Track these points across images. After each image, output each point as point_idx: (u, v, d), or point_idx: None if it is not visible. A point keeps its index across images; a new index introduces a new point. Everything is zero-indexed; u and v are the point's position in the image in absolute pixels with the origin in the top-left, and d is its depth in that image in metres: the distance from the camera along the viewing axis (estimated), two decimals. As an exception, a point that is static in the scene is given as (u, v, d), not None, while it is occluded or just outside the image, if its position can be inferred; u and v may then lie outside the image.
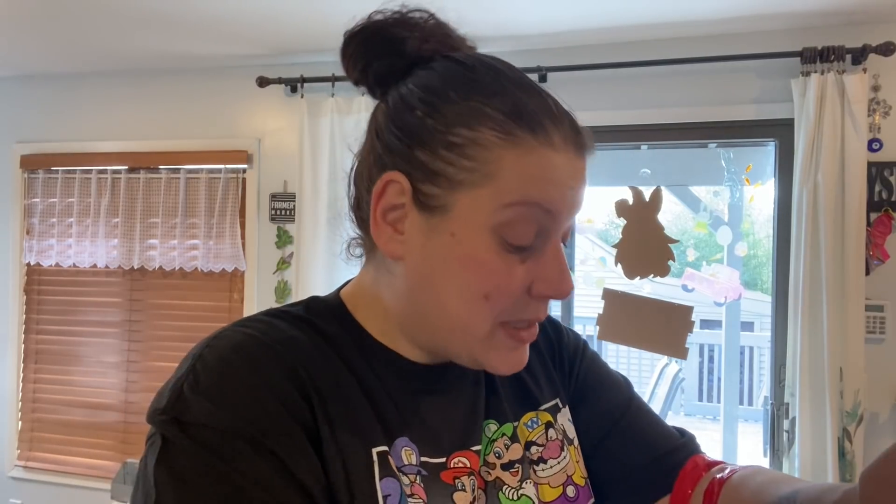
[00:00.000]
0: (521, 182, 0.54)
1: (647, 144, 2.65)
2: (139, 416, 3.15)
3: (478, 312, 0.57)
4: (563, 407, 0.72)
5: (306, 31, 2.58)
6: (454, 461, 0.61)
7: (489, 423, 0.66)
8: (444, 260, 0.57)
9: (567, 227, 0.59)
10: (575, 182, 0.57)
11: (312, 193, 2.75)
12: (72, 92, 3.25)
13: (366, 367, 0.60)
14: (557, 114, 0.57)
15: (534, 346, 0.73)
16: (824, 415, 2.20)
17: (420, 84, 0.58)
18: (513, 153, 0.54)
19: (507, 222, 0.55)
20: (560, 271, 0.57)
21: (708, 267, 2.77)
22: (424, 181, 0.56)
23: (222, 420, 0.50)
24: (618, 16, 2.36)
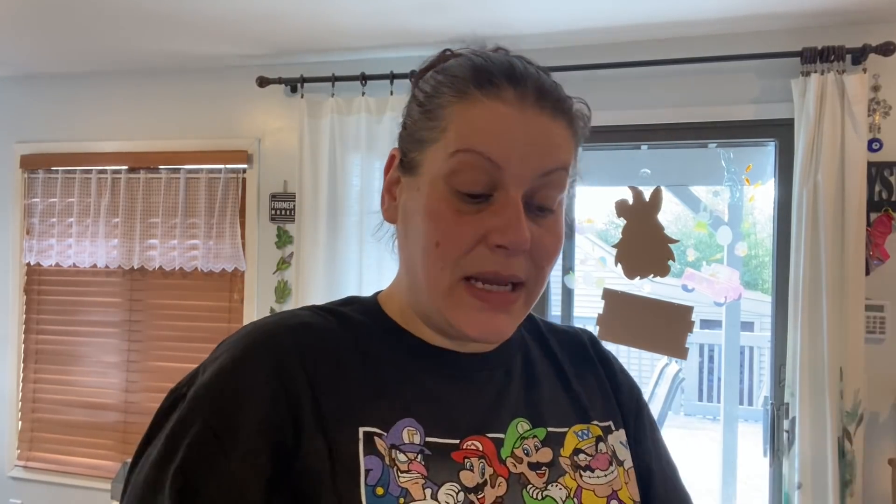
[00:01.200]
0: (465, 131, 0.59)
1: (647, 144, 2.65)
2: (139, 416, 3.15)
3: (433, 262, 0.60)
4: (617, 430, 0.72)
5: (306, 31, 2.58)
6: (468, 444, 0.62)
7: (520, 421, 0.66)
8: (413, 214, 0.62)
9: (532, 184, 0.59)
10: (526, 136, 0.58)
11: (312, 193, 2.75)
12: (72, 92, 3.25)
13: (384, 352, 0.65)
14: (520, 74, 0.60)
15: (590, 364, 0.76)
16: (824, 415, 2.20)
17: (427, 75, 0.66)
18: (461, 107, 0.60)
19: (453, 170, 0.59)
20: (510, 220, 0.58)
21: (708, 267, 2.77)
22: (408, 148, 0.64)
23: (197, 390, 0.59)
24: (618, 16, 2.36)
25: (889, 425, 2.32)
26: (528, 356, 0.73)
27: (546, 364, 0.74)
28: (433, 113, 0.61)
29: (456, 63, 0.63)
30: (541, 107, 0.59)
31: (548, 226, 0.62)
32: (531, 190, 0.60)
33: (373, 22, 2.46)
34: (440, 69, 0.65)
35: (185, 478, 0.55)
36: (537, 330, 0.77)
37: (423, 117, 0.62)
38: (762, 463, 2.60)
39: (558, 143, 0.60)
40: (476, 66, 0.61)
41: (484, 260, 0.59)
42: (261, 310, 2.98)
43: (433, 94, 0.62)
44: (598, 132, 2.87)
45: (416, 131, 0.63)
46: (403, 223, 0.65)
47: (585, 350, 0.78)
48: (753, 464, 4.87)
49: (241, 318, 3.00)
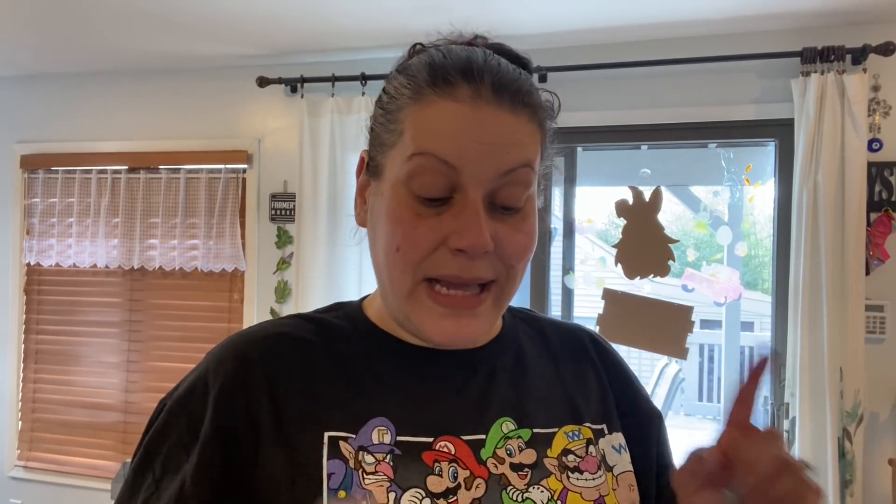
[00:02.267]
0: (418, 134, 0.58)
1: (647, 144, 2.65)
2: (139, 416, 3.15)
3: (394, 266, 0.60)
4: (610, 434, 0.70)
5: (306, 31, 2.58)
6: (440, 444, 0.61)
7: (505, 421, 0.64)
8: (378, 218, 0.62)
9: (493, 184, 0.57)
10: (482, 134, 0.56)
11: (312, 193, 2.75)
12: (72, 92, 3.24)
13: (359, 354, 0.65)
14: (477, 69, 0.57)
15: (589, 363, 0.74)
16: (824, 415, 2.20)
17: (390, 75, 0.65)
18: (416, 108, 0.59)
19: (410, 174, 0.58)
20: (468, 223, 0.56)
21: (708, 267, 2.77)
22: (373, 152, 0.64)
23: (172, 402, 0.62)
24: (618, 16, 2.36)
25: (889, 425, 2.32)
26: (521, 353, 0.71)
27: (542, 362, 0.72)
28: (392, 115, 0.61)
29: (416, 62, 0.62)
30: (497, 102, 0.57)
31: (515, 224, 0.60)
32: (493, 190, 0.58)
33: (373, 22, 2.46)
34: (402, 68, 0.63)
35: (157, 489, 0.59)
36: (537, 326, 0.76)
37: (385, 120, 0.62)
38: (762, 463, 2.59)
39: (518, 138, 0.58)
40: (432, 65, 0.59)
41: (444, 263, 0.58)
42: (261, 310, 2.98)
43: (394, 96, 0.61)
44: (599, 132, 2.88)
45: (379, 134, 0.63)
46: (371, 227, 0.64)
47: (585, 349, 0.76)
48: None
49: (241, 318, 3.00)
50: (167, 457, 0.59)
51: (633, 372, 0.78)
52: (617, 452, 0.69)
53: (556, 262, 2.73)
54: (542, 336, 0.75)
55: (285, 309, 2.93)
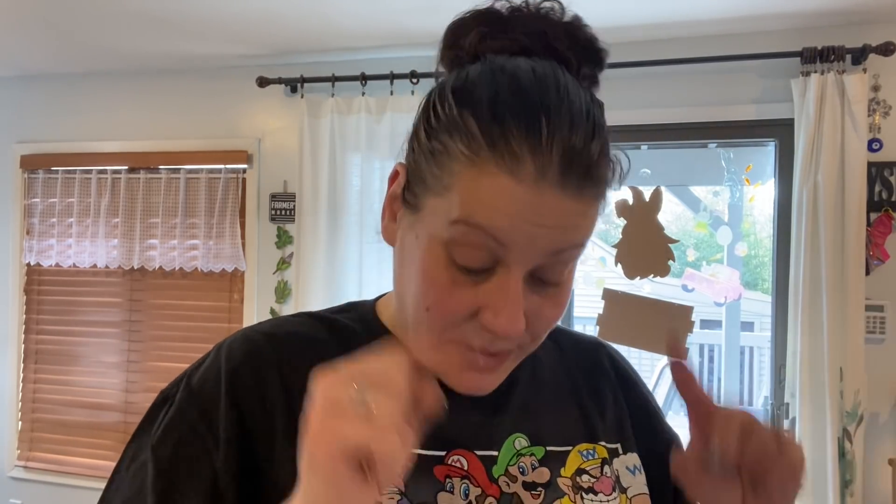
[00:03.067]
0: (470, 202, 0.52)
1: (647, 144, 2.65)
2: (139, 416, 3.09)
3: (422, 322, 0.56)
4: (625, 454, 0.67)
5: (306, 31, 2.58)
6: (452, 458, 0.59)
7: (518, 437, 0.62)
8: (410, 260, 0.58)
9: (540, 262, 0.54)
10: (541, 219, 0.51)
11: (312, 193, 2.75)
12: (72, 92, 3.24)
13: None
14: (546, 137, 0.50)
15: (606, 379, 0.72)
16: (824, 415, 2.20)
17: (446, 83, 0.57)
18: (470, 172, 0.52)
19: (453, 240, 0.53)
20: (505, 305, 0.53)
21: (708, 267, 2.77)
22: (413, 178, 0.57)
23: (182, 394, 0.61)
24: (618, 16, 2.36)
25: (889, 425, 2.32)
26: (537, 366, 0.69)
27: (557, 375, 0.70)
28: (439, 161, 0.53)
29: (477, 91, 0.53)
30: (563, 185, 0.50)
31: (551, 296, 0.56)
32: (537, 267, 0.54)
33: (373, 22, 2.46)
34: (460, 93, 0.54)
35: (169, 480, 0.56)
36: (554, 338, 0.72)
37: (430, 156, 0.55)
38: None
39: (576, 223, 0.53)
40: (495, 125, 0.51)
41: (473, 334, 0.55)
42: (261, 310, 2.98)
43: (443, 135, 0.53)
44: (598, 132, 2.87)
45: (421, 165, 0.56)
46: (399, 257, 0.60)
47: (602, 364, 0.73)
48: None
49: (241, 318, 3.00)
50: (180, 453, 0.57)
51: (650, 391, 0.76)
52: (631, 473, 0.67)
53: None
54: (558, 349, 0.72)
55: (285, 309, 2.93)
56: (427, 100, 0.58)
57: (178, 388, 0.62)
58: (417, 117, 0.58)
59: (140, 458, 0.58)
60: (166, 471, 0.56)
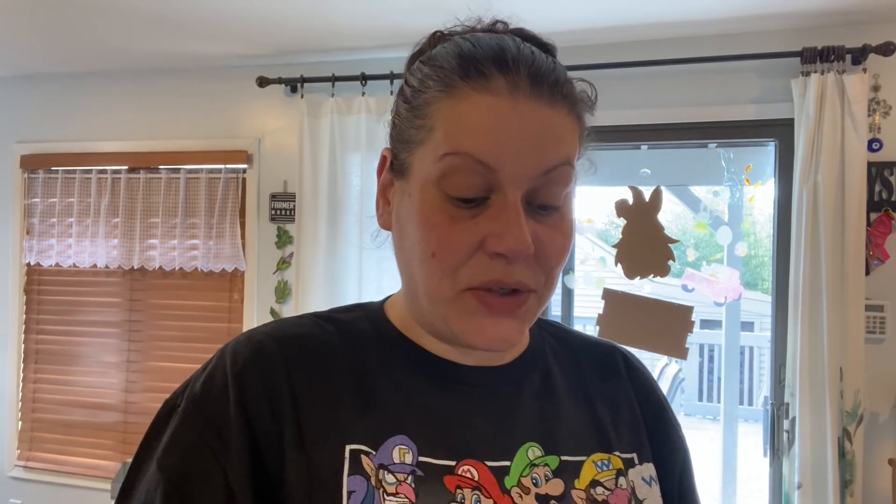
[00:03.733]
0: (452, 131, 0.53)
1: (647, 144, 2.65)
2: (139, 416, 3.15)
3: (432, 272, 0.55)
4: (641, 464, 0.65)
5: (306, 31, 2.58)
6: (462, 468, 0.57)
7: (531, 446, 0.60)
8: (407, 221, 0.58)
9: (532, 183, 0.54)
10: (521, 131, 0.52)
11: (312, 193, 2.75)
12: (72, 92, 3.25)
13: (380, 363, 0.61)
14: (511, 59, 0.53)
15: (621, 386, 0.69)
16: (824, 415, 2.20)
17: (413, 66, 0.61)
18: (447, 103, 0.54)
19: (443, 174, 0.54)
20: (508, 225, 0.52)
21: (708, 267, 2.77)
22: (398, 148, 0.59)
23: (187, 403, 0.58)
24: (618, 16, 2.36)
25: (889, 425, 2.32)
26: (549, 371, 0.67)
27: (569, 381, 0.67)
28: (420, 110, 0.56)
29: (442, 51, 0.57)
30: (537, 95, 0.53)
31: (553, 224, 0.56)
32: (532, 189, 0.54)
33: (373, 22, 2.46)
34: (426, 58, 0.59)
35: (180, 495, 0.54)
36: (567, 342, 0.71)
37: (410, 115, 0.57)
38: (762, 463, 2.60)
39: (558, 134, 0.54)
40: (462, 54, 0.55)
41: (483, 268, 0.54)
42: (261, 310, 2.98)
43: (419, 89, 0.57)
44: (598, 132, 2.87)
45: (405, 130, 0.58)
46: (398, 230, 0.60)
47: (617, 370, 0.71)
48: (753, 464, 4.87)
49: (241, 318, 3.00)
50: (189, 465, 0.55)
51: (665, 398, 0.73)
52: (647, 485, 0.65)
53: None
54: (571, 353, 0.70)
55: (285, 309, 2.93)
56: (399, 88, 0.62)
57: (182, 397, 0.60)
58: (394, 103, 0.62)
59: (147, 475, 0.56)
60: (177, 485, 0.54)
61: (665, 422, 0.71)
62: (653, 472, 0.66)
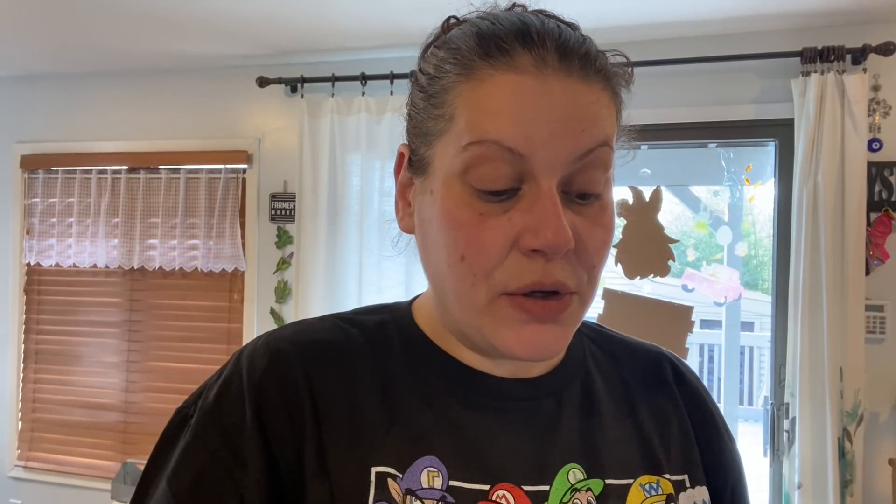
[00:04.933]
0: (475, 118, 0.48)
1: (647, 144, 2.65)
2: (139, 416, 3.15)
3: (462, 277, 0.50)
4: (693, 487, 0.58)
5: (306, 31, 2.58)
6: (497, 493, 0.51)
7: (573, 468, 0.54)
8: (430, 222, 0.52)
9: (568, 169, 0.48)
10: (552, 111, 0.47)
11: (312, 193, 2.75)
12: (72, 92, 3.24)
13: (409, 373, 0.56)
14: (536, 33, 0.48)
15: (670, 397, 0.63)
16: (824, 415, 2.20)
17: (427, 53, 0.56)
18: (467, 87, 0.48)
19: (468, 166, 0.48)
20: (545, 218, 0.47)
21: (708, 267, 2.77)
22: (416, 144, 0.54)
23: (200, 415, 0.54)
24: (618, 16, 2.36)
25: (889, 425, 2.32)
26: (590, 382, 0.60)
27: (613, 393, 0.61)
28: (437, 98, 0.51)
29: (458, 32, 0.52)
30: (567, 70, 0.47)
31: (594, 215, 0.50)
32: (568, 175, 0.48)
33: (373, 22, 2.46)
34: (441, 42, 0.53)
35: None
36: (609, 348, 0.65)
37: (427, 105, 0.52)
38: (762, 463, 2.60)
39: (594, 112, 0.48)
40: (481, 33, 0.49)
41: (520, 270, 0.48)
42: (261, 310, 2.97)
43: (435, 75, 0.51)
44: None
45: (422, 122, 0.53)
46: (422, 232, 0.54)
47: (664, 379, 0.64)
48: (753, 464, 4.87)
49: (241, 319, 3.00)
50: (201, 486, 0.51)
51: (717, 409, 0.66)
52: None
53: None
54: (614, 361, 0.64)
55: (285, 309, 2.93)
56: (413, 78, 0.56)
57: (195, 407, 0.55)
58: (409, 94, 0.56)
59: (157, 495, 0.53)
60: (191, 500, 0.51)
61: (717, 438, 0.64)
62: (706, 496, 0.59)
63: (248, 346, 0.57)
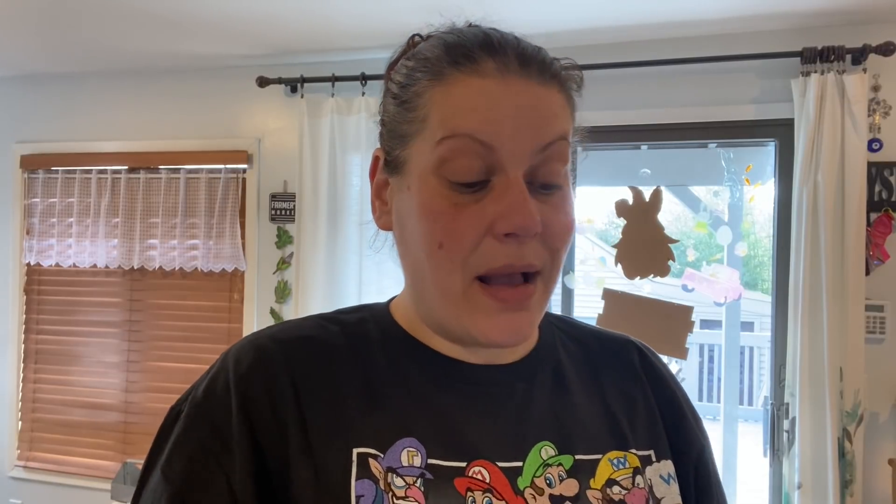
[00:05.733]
0: (447, 115, 0.54)
1: (647, 144, 2.65)
2: (139, 416, 3.15)
3: (440, 266, 0.55)
4: (658, 461, 0.63)
5: (306, 31, 2.58)
6: (473, 470, 0.56)
7: (544, 446, 0.59)
8: (408, 216, 0.57)
9: (532, 160, 0.54)
10: (516, 109, 0.53)
11: (312, 193, 2.75)
12: (72, 92, 3.24)
13: (388, 364, 0.60)
14: (497, 43, 0.55)
15: (636, 380, 0.68)
16: (824, 415, 2.20)
17: (396, 66, 0.62)
18: (439, 90, 0.55)
19: (442, 160, 0.54)
20: (514, 203, 0.52)
21: (708, 267, 2.77)
22: (390, 146, 0.59)
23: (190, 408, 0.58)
24: (618, 16, 2.36)
25: (889, 425, 2.32)
26: (561, 368, 0.65)
27: (582, 377, 0.66)
28: (410, 103, 0.56)
29: (427, 45, 0.59)
30: (526, 74, 0.54)
31: (556, 203, 0.56)
32: (532, 167, 0.54)
33: (373, 22, 2.46)
34: (410, 55, 0.59)
35: (182, 497, 0.54)
36: (578, 336, 0.70)
37: (401, 109, 0.57)
38: (762, 463, 2.60)
39: (553, 110, 0.55)
40: (448, 44, 0.56)
41: (494, 253, 0.53)
42: (261, 310, 2.98)
43: (407, 83, 0.57)
44: (599, 132, 2.87)
45: (396, 126, 0.58)
46: (399, 228, 0.59)
47: (631, 363, 0.69)
48: (753, 464, 4.87)
49: (241, 318, 3.00)
50: (192, 471, 0.55)
51: (683, 390, 0.71)
52: (665, 483, 0.63)
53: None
54: (583, 348, 0.69)
55: (285, 309, 2.93)
56: (385, 89, 0.62)
57: (186, 403, 0.59)
58: (380, 104, 0.62)
59: (152, 484, 0.56)
60: (180, 492, 0.54)
61: (680, 416, 0.68)
62: (671, 469, 0.64)
63: (235, 345, 0.61)
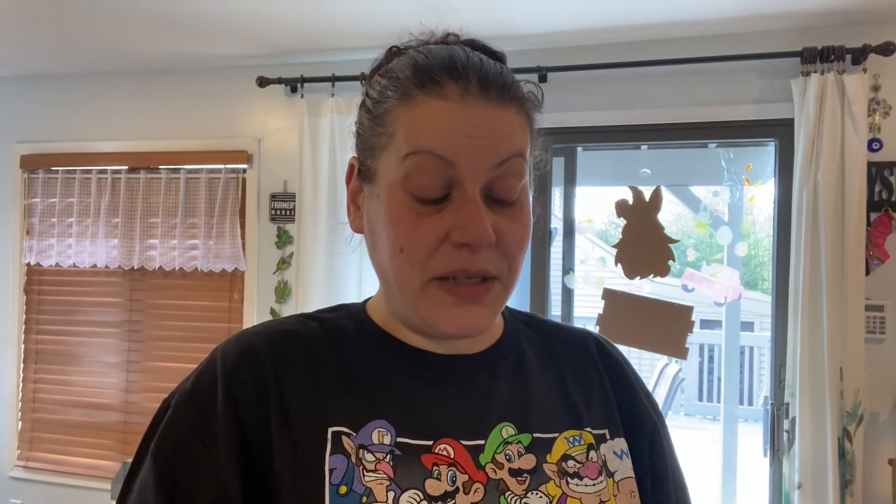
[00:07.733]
0: (412, 133, 0.59)
1: (647, 144, 2.65)
2: (139, 416, 3.15)
3: (400, 266, 0.60)
4: (612, 439, 0.69)
5: (306, 31, 2.58)
6: (439, 447, 0.61)
7: (505, 426, 0.64)
8: (376, 222, 0.63)
9: (488, 176, 0.58)
10: (474, 129, 0.58)
11: (312, 193, 2.75)
12: (72, 92, 3.25)
13: (362, 355, 0.66)
14: (461, 67, 0.59)
15: (592, 367, 0.73)
16: (824, 415, 2.20)
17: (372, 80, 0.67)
18: (405, 109, 0.60)
19: (407, 174, 0.59)
20: (469, 217, 0.57)
21: (708, 267, 2.77)
22: (364, 154, 0.65)
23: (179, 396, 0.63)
24: (618, 16, 2.36)
25: (889, 425, 2.32)
26: (522, 357, 0.71)
27: (543, 365, 0.72)
28: (381, 119, 0.62)
29: (398, 64, 0.63)
30: (486, 97, 0.59)
31: (512, 215, 0.61)
32: (489, 182, 0.59)
33: (373, 22, 2.46)
34: (384, 71, 0.64)
35: (173, 479, 0.58)
36: (540, 330, 0.76)
37: (373, 124, 0.63)
38: (762, 463, 2.60)
39: (509, 130, 0.60)
40: (416, 66, 0.61)
41: (449, 259, 0.59)
42: (261, 310, 2.98)
43: (379, 100, 0.62)
44: (599, 132, 2.88)
45: (368, 138, 0.63)
46: (370, 232, 0.65)
47: (589, 353, 0.75)
48: (753, 464, 4.87)
49: (241, 318, 3.00)
50: (180, 451, 0.59)
51: (637, 376, 0.77)
52: (618, 458, 0.68)
53: (556, 262, 2.73)
54: (544, 340, 0.75)
55: (285, 309, 2.93)
56: (361, 101, 0.67)
57: (175, 395, 0.64)
58: (357, 115, 0.67)
59: (143, 467, 0.60)
60: (168, 471, 0.58)
61: (634, 398, 0.74)
62: (624, 446, 0.69)
63: (222, 344, 0.66)
